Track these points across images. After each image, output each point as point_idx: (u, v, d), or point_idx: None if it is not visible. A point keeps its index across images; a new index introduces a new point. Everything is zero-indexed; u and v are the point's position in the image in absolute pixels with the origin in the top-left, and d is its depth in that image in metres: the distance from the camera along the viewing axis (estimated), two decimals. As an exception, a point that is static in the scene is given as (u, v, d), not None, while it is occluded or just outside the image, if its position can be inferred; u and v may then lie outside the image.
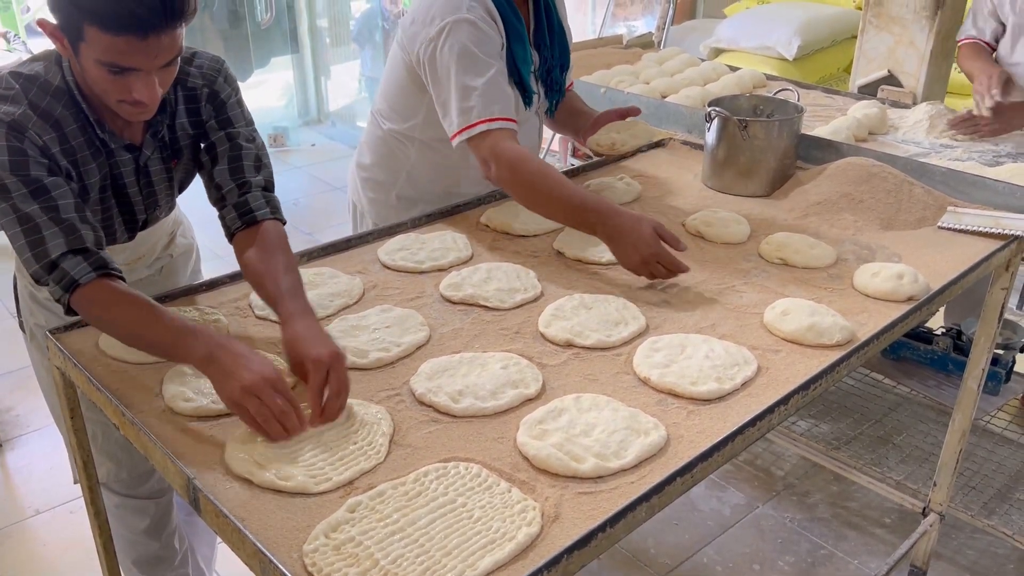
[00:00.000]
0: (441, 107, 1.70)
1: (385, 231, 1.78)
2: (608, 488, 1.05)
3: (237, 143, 1.44)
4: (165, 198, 1.52)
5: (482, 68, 1.64)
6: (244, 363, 1.10)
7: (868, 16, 2.89)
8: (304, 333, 1.19)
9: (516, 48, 1.73)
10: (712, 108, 1.99)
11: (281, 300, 1.26)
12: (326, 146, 5.90)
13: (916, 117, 2.52)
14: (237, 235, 1.41)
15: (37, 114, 1.26)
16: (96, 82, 1.23)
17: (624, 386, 1.27)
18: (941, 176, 1.95)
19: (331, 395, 1.13)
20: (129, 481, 1.63)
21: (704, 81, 2.93)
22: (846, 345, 1.36)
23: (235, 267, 1.60)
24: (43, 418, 1.93)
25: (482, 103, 1.64)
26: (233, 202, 1.40)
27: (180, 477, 1.08)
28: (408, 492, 1.04)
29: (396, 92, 1.84)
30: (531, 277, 1.58)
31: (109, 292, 1.23)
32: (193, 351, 1.14)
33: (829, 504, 2.50)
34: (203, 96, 1.44)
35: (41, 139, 1.25)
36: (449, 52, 1.64)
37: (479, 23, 1.65)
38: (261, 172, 1.44)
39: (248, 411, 1.08)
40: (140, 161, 1.42)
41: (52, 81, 1.29)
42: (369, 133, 1.97)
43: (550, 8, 1.85)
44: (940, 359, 2.28)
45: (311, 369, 1.13)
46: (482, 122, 1.64)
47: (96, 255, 1.24)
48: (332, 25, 6.42)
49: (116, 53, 1.17)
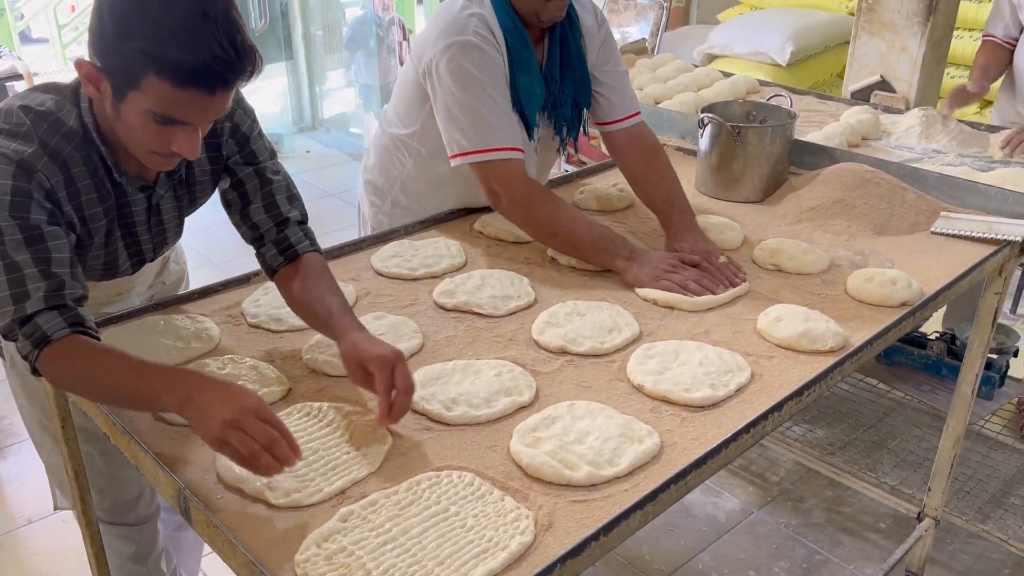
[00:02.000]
0: (443, 124, 1.67)
1: (378, 238, 1.78)
2: (602, 496, 1.05)
3: (267, 178, 1.39)
4: (174, 235, 1.46)
5: (486, 92, 1.62)
6: (223, 398, 1.03)
7: (861, 22, 2.89)
8: (363, 340, 1.19)
9: (521, 78, 1.69)
10: (705, 114, 1.99)
11: (332, 317, 1.26)
12: (321, 153, 5.89)
13: (909, 122, 2.52)
14: (279, 271, 1.38)
15: (47, 154, 1.18)
16: (132, 131, 1.16)
17: (618, 393, 1.26)
18: (934, 181, 1.95)
19: (400, 392, 1.13)
20: (113, 509, 1.61)
21: (698, 87, 2.93)
22: (840, 351, 1.36)
23: (228, 274, 1.60)
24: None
25: (487, 128, 1.62)
26: (272, 239, 1.38)
27: (171, 487, 1.07)
28: (400, 501, 1.03)
29: (403, 98, 1.83)
30: (524, 284, 1.58)
31: (80, 346, 1.14)
32: (169, 396, 1.06)
33: (824, 509, 2.49)
34: (224, 131, 1.36)
35: (49, 181, 1.18)
36: (452, 73, 1.61)
37: (484, 46, 1.62)
38: (295, 205, 1.41)
39: (233, 446, 1.00)
40: (153, 200, 1.35)
41: (65, 120, 1.21)
42: (376, 136, 1.96)
43: (567, 42, 1.76)
44: (934, 364, 2.28)
45: (376, 369, 1.13)
46: (489, 151, 1.62)
47: (74, 311, 1.16)
48: (326, 32, 6.42)
49: (174, 106, 1.10)
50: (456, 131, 1.64)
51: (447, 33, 1.63)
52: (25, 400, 1.56)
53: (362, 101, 6.18)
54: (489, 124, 1.62)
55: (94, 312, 1.45)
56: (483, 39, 1.63)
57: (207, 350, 1.37)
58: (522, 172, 1.64)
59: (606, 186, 2.02)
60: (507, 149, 1.63)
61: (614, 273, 1.61)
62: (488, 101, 1.62)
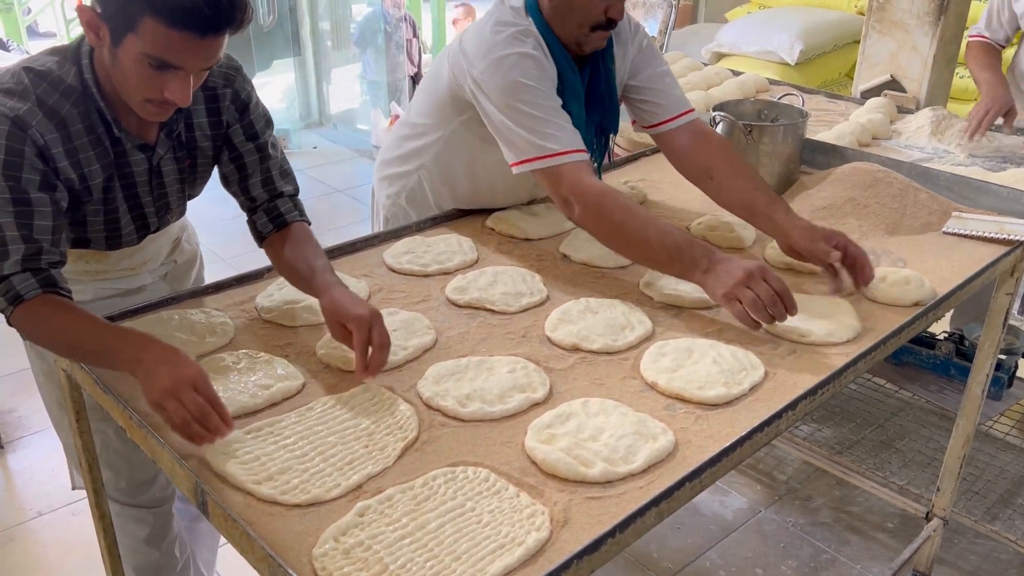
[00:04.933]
0: (501, 135, 1.59)
1: (391, 234, 1.78)
2: (617, 493, 1.05)
3: (266, 154, 1.49)
4: (177, 200, 1.51)
5: (543, 100, 1.56)
6: (166, 365, 1.11)
7: (871, 21, 2.89)
8: (342, 298, 1.28)
9: (572, 105, 1.63)
10: (717, 113, 1.99)
11: (314, 275, 1.35)
12: (328, 149, 5.90)
13: (919, 122, 2.52)
14: (268, 238, 1.48)
15: (43, 111, 1.24)
16: (128, 77, 1.21)
17: (632, 390, 1.27)
18: (946, 181, 1.95)
19: (376, 348, 1.21)
20: (128, 490, 1.62)
21: (707, 85, 2.93)
22: (854, 349, 1.36)
23: (239, 270, 1.61)
24: (45, 420, 1.93)
25: (550, 133, 1.54)
26: (264, 208, 1.48)
27: (188, 481, 1.08)
28: (417, 496, 1.03)
29: (430, 103, 1.78)
30: (537, 281, 1.58)
31: (50, 305, 1.23)
32: (121, 355, 1.16)
33: (832, 509, 2.50)
34: (225, 96, 1.43)
35: (43, 138, 1.24)
36: (506, 84, 1.55)
37: (539, 58, 1.58)
38: (287, 180, 1.52)
39: (168, 412, 1.08)
40: (153, 161, 1.41)
41: (64, 78, 1.27)
42: (395, 130, 1.94)
43: (597, 67, 1.70)
44: (943, 364, 2.28)
45: (355, 327, 1.21)
46: (556, 154, 1.53)
47: (46, 273, 1.24)
48: (334, 28, 6.42)
49: (168, 49, 1.16)
50: (518, 139, 1.56)
51: (503, 45, 1.57)
52: (44, 379, 1.59)
53: (369, 98, 6.19)
54: (552, 127, 1.55)
55: (103, 284, 1.50)
56: (540, 52, 1.59)
57: (222, 344, 1.37)
58: (590, 175, 1.55)
59: (618, 184, 2.02)
60: (572, 152, 1.55)
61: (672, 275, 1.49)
62: (546, 108, 1.56)
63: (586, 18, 1.59)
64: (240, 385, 1.24)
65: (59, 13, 7.61)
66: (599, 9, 1.58)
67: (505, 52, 1.56)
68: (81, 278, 1.51)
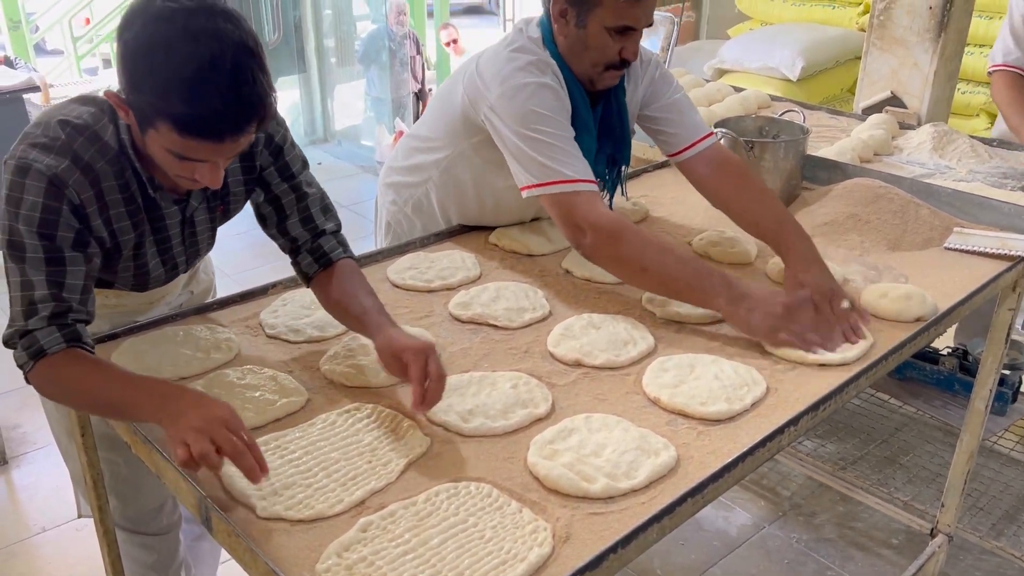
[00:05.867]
0: (514, 159, 1.59)
1: (394, 250, 1.79)
2: (619, 509, 1.05)
3: (303, 192, 1.44)
4: (206, 245, 1.49)
5: (558, 129, 1.56)
6: (196, 407, 1.07)
7: (872, 38, 2.91)
8: (398, 334, 1.25)
9: (583, 138, 1.64)
10: (719, 129, 2.01)
11: (367, 314, 1.32)
12: (332, 165, 5.93)
13: (920, 138, 2.53)
14: (315, 277, 1.43)
15: (80, 168, 1.21)
16: (157, 159, 1.19)
17: (634, 406, 1.27)
18: (947, 197, 1.96)
19: (433, 380, 1.18)
20: (136, 518, 1.62)
21: (709, 102, 2.95)
22: (856, 364, 1.36)
23: (243, 285, 1.62)
24: (49, 436, 1.93)
25: (565, 161, 1.54)
26: (308, 248, 1.43)
27: (192, 496, 1.08)
28: (419, 512, 1.04)
29: (442, 121, 1.78)
30: (539, 296, 1.59)
31: (72, 359, 1.20)
32: (148, 405, 1.12)
33: (836, 525, 2.49)
34: (259, 141, 1.38)
35: (79, 197, 1.21)
36: (523, 112, 1.55)
37: (557, 90, 1.59)
38: (329, 217, 1.46)
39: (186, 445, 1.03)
40: (187, 213, 1.38)
41: (102, 135, 1.24)
42: (404, 141, 1.94)
43: (610, 101, 1.72)
44: (946, 379, 2.28)
45: (412, 358, 1.18)
46: (566, 181, 1.52)
47: (72, 328, 1.21)
48: (338, 45, 6.47)
49: (187, 150, 1.13)
50: (531, 163, 1.55)
51: (524, 73, 1.57)
52: (53, 407, 1.57)
53: (373, 114, 6.22)
54: (566, 156, 1.55)
55: (126, 322, 1.48)
56: (557, 83, 1.60)
57: (226, 360, 1.38)
58: (602, 204, 1.55)
59: (619, 200, 2.03)
60: (583, 181, 1.54)
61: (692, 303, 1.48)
62: (561, 137, 1.56)
63: (600, 57, 1.60)
64: (245, 401, 1.25)
65: (67, 31, 7.68)
66: (613, 50, 1.59)
67: (523, 80, 1.57)
68: (98, 311, 1.50)
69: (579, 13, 1.57)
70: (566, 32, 1.61)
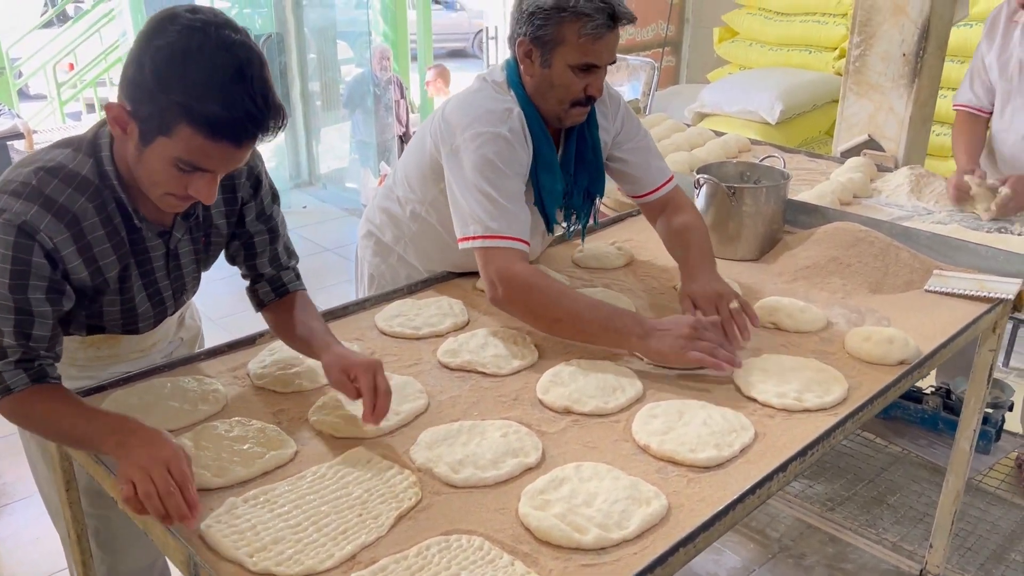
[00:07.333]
0: (455, 207, 1.64)
1: (382, 297, 1.80)
2: (611, 560, 1.05)
3: (277, 234, 1.52)
4: (192, 281, 1.50)
5: (505, 183, 1.60)
6: (147, 445, 1.12)
7: (848, 83, 2.98)
8: (345, 352, 1.34)
9: (544, 177, 1.70)
10: (701, 175, 2.04)
11: (314, 335, 1.41)
12: (317, 208, 5.95)
13: (898, 180, 2.58)
14: (269, 304, 1.53)
15: (52, 212, 1.21)
16: (153, 174, 1.20)
17: (624, 453, 1.27)
18: (926, 240, 1.99)
19: (380, 394, 1.25)
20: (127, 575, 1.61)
21: (690, 146, 3.00)
22: (842, 409, 1.37)
23: (227, 330, 1.62)
24: (31, 488, 1.91)
25: (498, 217, 1.58)
26: (268, 279, 1.53)
27: (180, 552, 1.07)
28: (411, 567, 1.03)
29: (416, 169, 1.82)
30: (528, 342, 1.60)
31: (37, 394, 1.24)
32: (109, 440, 1.16)
33: (825, 566, 2.48)
34: (241, 173, 1.42)
35: (52, 241, 1.21)
36: (476, 160, 1.60)
37: (513, 142, 1.62)
38: (291, 254, 1.57)
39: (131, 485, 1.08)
40: (170, 244, 1.40)
41: (79, 171, 1.25)
42: (381, 192, 1.97)
43: (584, 137, 1.77)
44: (931, 418, 2.30)
45: (360, 374, 1.26)
46: (495, 237, 1.57)
47: (38, 369, 1.25)
48: (323, 89, 6.54)
49: (202, 156, 1.16)
50: (468, 215, 1.60)
51: (483, 122, 1.62)
52: (45, 467, 1.53)
53: (358, 157, 6.27)
54: (501, 213, 1.58)
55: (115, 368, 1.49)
56: (516, 135, 1.63)
57: (214, 412, 1.37)
58: (520, 261, 1.58)
59: (603, 244, 2.05)
60: (511, 239, 1.58)
61: None
62: (504, 192, 1.59)
63: (566, 95, 1.64)
64: (233, 454, 1.24)
65: (50, 77, 7.71)
66: (579, 87, 1.63)
67: (484, 129, 1.61)
68: (93, 364, 1.50)
69: (543, 53, 1.62)
70: (532, 72, 1.65)
